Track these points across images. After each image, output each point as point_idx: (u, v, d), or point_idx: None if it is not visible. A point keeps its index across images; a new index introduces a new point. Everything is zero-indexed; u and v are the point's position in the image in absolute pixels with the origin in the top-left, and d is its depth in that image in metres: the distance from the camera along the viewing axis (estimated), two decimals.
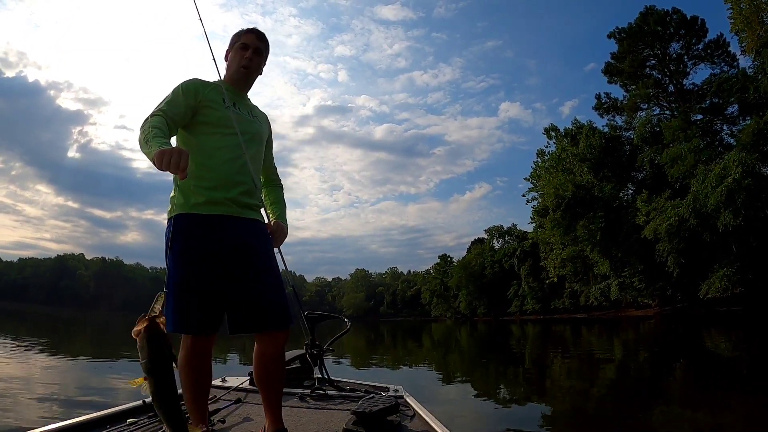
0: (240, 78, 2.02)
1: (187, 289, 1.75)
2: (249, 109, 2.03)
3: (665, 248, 27.03)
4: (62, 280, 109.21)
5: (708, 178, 24.38)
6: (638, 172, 35.78)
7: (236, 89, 2.02)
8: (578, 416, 4.52)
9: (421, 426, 2.22)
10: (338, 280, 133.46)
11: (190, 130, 1.87)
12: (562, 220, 34.21)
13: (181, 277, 1.76)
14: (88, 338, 16.97)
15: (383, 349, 14.91)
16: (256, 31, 2.05)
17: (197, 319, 1.77)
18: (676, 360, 8.92)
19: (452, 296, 68.61)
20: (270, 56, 2.15)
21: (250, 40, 2.01)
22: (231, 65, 2.02)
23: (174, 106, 1.78)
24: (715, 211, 23.80)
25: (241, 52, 1.99)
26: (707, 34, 35.13)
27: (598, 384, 6.56)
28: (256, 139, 1.99)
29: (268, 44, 2.09)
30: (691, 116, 31.94)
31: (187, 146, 1.84)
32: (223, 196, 1.82)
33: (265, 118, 2.15)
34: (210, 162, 1.82)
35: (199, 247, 1.78)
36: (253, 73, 2.04)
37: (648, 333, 17.98)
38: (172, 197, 1.86)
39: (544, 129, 42.66)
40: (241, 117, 1.93)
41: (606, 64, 38.04)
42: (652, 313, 31.58)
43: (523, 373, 8.04)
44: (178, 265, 1.77)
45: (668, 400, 5.08)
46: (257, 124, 2.03)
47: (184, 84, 1.88)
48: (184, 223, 1.80)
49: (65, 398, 4.78)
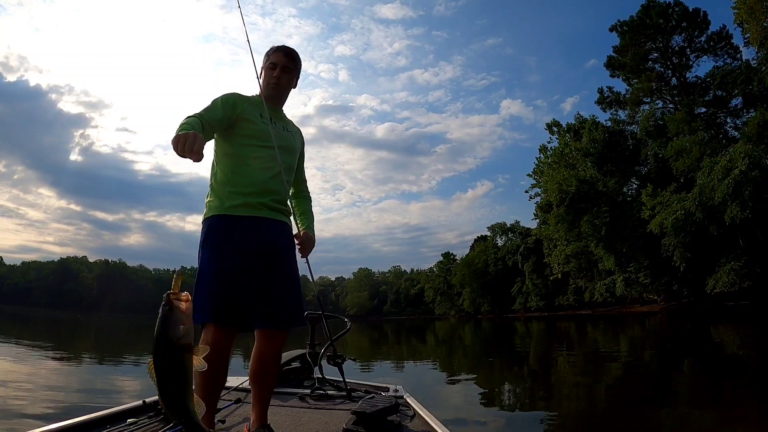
0: (272, 95, 2.11)
1: (222, 279, 1.80)
2: (284, 124, 2.16)
3: (671, 242, 26.71)
4: (65, 283, 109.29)
5: (714, 170, 24.04)
6: (642, 167, 35.53)
7: (271, 105, 2.11)
8: (583, 416, 4.40)
9: (421, 426, 2.23)
10: (341, 280, 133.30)
11: (229, 140, 1.98)
12: (566, 215, 33.96)
13: (215, 270, 1.81)
14: (91, 340, 16.96)
15: (387, 348, 14.82)
16: (285, 48, 2.14)
17: (230, 310, 1.78)
18: (684, 356, 8.73)
19: (456, 294, 68.64)
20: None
21: (278, 59, 2.10)
22: (264, 84, 2.12)
23: (212, 112, 1.89)
24: (722, 204, 23.47)
25: (270, 71, 2.09)
26: (709, 26, 35.10)
27: (604, 382, 6.40)
28: (290, 151, 2.12)
29: (297, 59, 2.16)
30: (695, 109, 31.63)
31: (225, 155, 1.98)
32: (257, 200, 1.93)
33: (299, 133, 2.26)
34: (246, 170, 1.95)
35: (234, 243, 1.86)
36: (284, 90, 2.14)
37: (654, 329, 17.76)
38: (209, 201, 1.96)
39: (546, 124, 42.58)
40: (276, 131, 2.04)
41: (608, 58, 37.97)
42: (658, 308, 31.38)
43: (528, 372, 7.92)
44: (213, 258, 1.84)
45: (677, 398, 4.90)
46: (291, 138, 2.15)
47: (223, 96, 1.98)
48: (220, 222, 1.89)
49: (66, 399, 4.78)
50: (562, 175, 35.28)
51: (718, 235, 24.81)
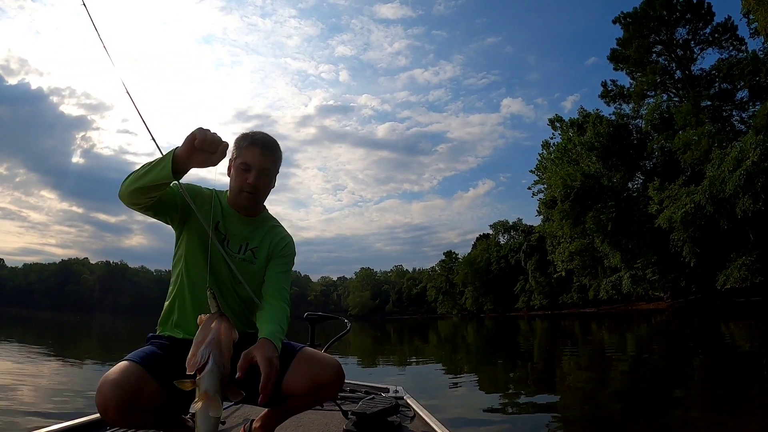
0: (242, 204, 1.69)
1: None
2: (246, 242, 1.70)
3: (680, 237, 26.02)
4: (67, 284, 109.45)
5: (725, 161, 23.32)
6: (647, 161, 35.03)
7: (243, 214, 1.71)
8: (589, 419, 4.19)
9: (421, 427, 2.23)
10: (343, 280, 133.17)
11: (183, 240, 1.68)
12: (570, 210, 33.37)
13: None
14: (92, 341, 16.74)
15: (389, 348, 14.55)
16: (261, 142, 1.66)
17: None
18: (694, 355, 8.24)
19: (458, 293, 68.34)
20: (271, 58, 1.69)
21: (253, 159, 1.63)
22: (232, 186, 1.68)
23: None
24: (733, 196, 22.76)
25: (243, 174, 1.64)
26: (714, 17, 34.62)
27: (611, 383, 6.08)
28: (253, 282, 1.68)
29: (277, 154, 1.71)
30: (701, 102, 31.08)
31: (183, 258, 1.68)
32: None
33: (275, 248, 1.75)
34: (188, 299, 1.66)
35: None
36: (260, 196, 1.70)
37: (662, 327, 17.26)
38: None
39: (548, 120, 42.41)
40: (234, 259, 1.66)
41: (611, 51, 37.42)
42: (665, 306, 30.89)
43: (532, 371, 7.66)
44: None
45: (688, 401, 4.61)
46: (253, 262, 1.70)
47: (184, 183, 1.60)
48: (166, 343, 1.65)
49: (67, 400, 4.77)
50: (566, 170, 34.78)
51: (729, 229, 24.12)
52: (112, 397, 1.35)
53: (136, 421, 1.46)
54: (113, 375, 1.40)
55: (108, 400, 1.35)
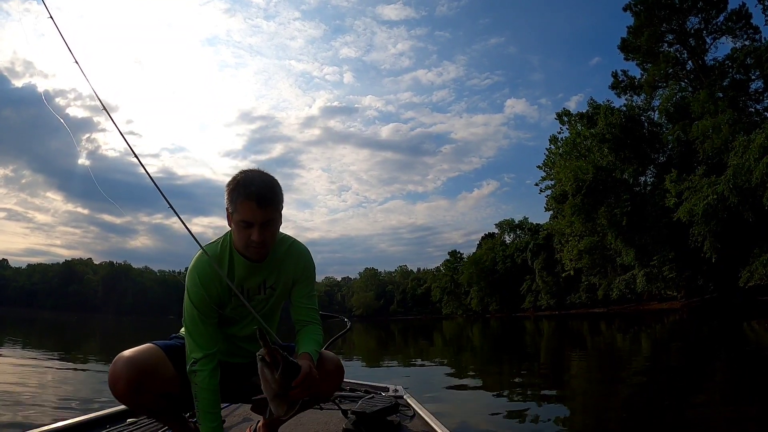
0: (253, 257, 1.64)
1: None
2: (263, 281, 1.71)
3: (700, 231, 24.70)
4: (70, 285, 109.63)
5: (750, 149, 21.95)
6: (660, 153, 33.82)
7: (252, 260, 1.66)
8: (597, 423, 3.98)
9: (421, 426, 2.30)
10: (348, 280, 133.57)
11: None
12: (582, 205, 32.19)
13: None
14: (95, 341, 16.55)
15: (393, 348, 14.21)
16: (256, 196, 1.50)
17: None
18: (715, 358, 7.39)
19: (463, 293, 67.94)
20: (274, 60, 1.31)
21: (253, 216, 1.52)
22: (236, 240, 1.62)
23: (205, 317, 1.61)
24: (760, 186, 21.43)
25: (245, 232, 1.56)
26: (727, 5, 33.54)
27: (624, 389, 5.54)
28: (273, 309, 1.79)
29: (276, 200, 1.57)
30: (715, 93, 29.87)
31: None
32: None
33: (295, 275, 1.76)
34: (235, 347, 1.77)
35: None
36: (269, 246, 1.62)
37: (678, 327, 16.32)
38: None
39: (556, 114, 41.52)
40: (254, 302, 1.70)
41: (622, 40, 36.41)
42: (679, 305, 29.82)
43: (538, 373, 7.38)
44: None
45: (710, 408, 4.13)
46: (272, 296, 1.75)
47: (192, 295, 1.61)
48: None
49: (67, 399, 4.72)
50: (577, 164, 33.72)
51: (753, 222, 22.79)
52: (126, 370, 1.42)
53: (142, 402, 1.51)
54: (130, 351, 1.47)
55: (121, 373, 1.41)
